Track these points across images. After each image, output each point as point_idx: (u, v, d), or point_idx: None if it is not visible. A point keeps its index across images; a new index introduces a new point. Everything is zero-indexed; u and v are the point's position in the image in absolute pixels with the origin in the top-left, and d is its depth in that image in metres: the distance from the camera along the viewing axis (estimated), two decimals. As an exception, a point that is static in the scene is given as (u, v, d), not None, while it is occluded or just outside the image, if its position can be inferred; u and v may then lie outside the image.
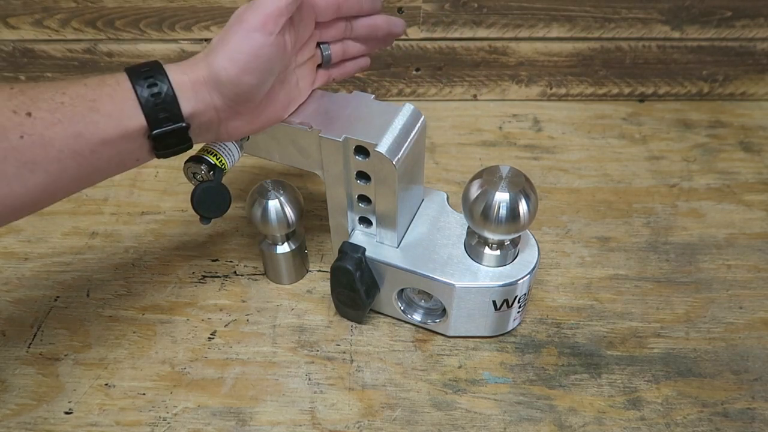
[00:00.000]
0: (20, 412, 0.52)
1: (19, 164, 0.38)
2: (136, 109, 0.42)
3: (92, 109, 0.40)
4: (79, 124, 0.39)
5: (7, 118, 0.37)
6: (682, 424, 0.51)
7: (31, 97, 0.38)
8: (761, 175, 0.74)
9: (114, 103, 0.41)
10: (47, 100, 0.39)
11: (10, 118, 0.37)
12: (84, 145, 0.40)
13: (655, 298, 0.61)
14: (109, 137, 0.41)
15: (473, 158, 0.76)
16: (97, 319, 0.59)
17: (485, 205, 0.48)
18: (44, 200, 0.41)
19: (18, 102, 0.38)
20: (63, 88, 0.40)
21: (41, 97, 0.39)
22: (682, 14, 0.77)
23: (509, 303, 0.53)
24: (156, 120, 0.42)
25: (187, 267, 0.63)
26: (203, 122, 0.45)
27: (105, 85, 0.41)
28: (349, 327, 0.58)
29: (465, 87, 0.84)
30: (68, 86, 0.40)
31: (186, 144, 0.45)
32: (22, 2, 0.74)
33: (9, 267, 0.63)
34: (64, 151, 0.39)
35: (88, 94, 0.40)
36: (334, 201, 0.54)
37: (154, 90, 0.42)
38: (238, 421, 0.51)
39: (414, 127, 0.51)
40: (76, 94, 0.40)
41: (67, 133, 0.39)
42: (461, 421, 0.51)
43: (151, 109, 0.42)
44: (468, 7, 0.76)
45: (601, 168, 0.75)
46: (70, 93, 0.40)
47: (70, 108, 0.39)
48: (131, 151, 0.43)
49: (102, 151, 0.41)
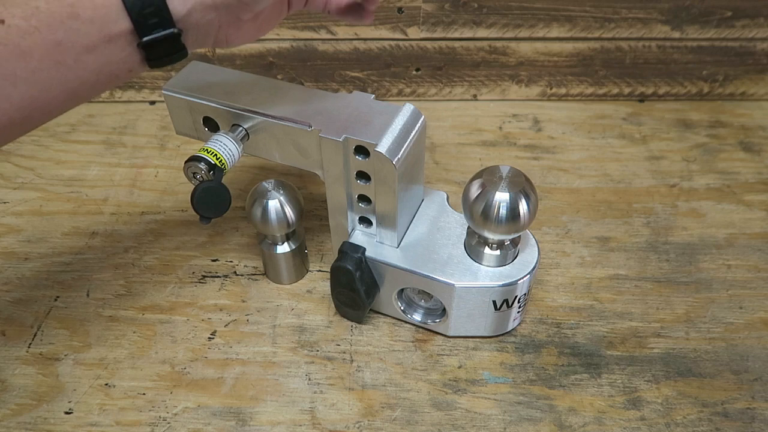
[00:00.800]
0: (20, 412, 0.52)
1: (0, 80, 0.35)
2: (121, 13, 0.37)
3: (71, 16, 0.36)
4: (58, 31, 0.36)
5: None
6: (682, 424, 0.51)
7: (4, 3, 0.35)
8: (761, 175, 0.74)
9: (95, 7, 0.37)
10: (21, 5, 0.35)
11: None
12: (66, 55, 0.37)
13: (655, 298, 0.61)
14: (93, 45, 0.37)
15: (473, 158, 0.76)
16: (97, 319, 0.59)
17: (485, 205, 0.48)
18: (36, 116, 0.38)
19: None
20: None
21: (14, 1, 0.35)
22: (682, 14, 0.78)
23: (509, 303, 0.53)
24: (145, 26, 0.38)
25: (187, 267, 0.63)
26: (200, 26, 0.41)
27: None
28: (349, 327, 0.58)
29: (465, 87, 0.84)
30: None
31: (181, 52, 0.41)
32: (22, 2, 0.74)
33: (9, 267, 0.63)
34: (44, 61, 0.36)
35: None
36: (334, 201, 0.54)
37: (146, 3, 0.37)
38: (238, 421, 0.51)
39: (414, 127, 0.51)
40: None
41: (46, 42, 0.36)
42: (461, 421, 0.51)
43: (138, 14, 0.38)
44: (468, 7, 0.76)
45: (601, 168, 0.75)
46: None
47: (46, 14, 0.35)
48: (121, 60, 0.39)
49: (87, 61, 0.38)
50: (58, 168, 0.74)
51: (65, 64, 0.37)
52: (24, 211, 0.69)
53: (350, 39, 0.79)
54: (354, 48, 0.80)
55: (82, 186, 0.72)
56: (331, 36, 0.78)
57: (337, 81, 0.83)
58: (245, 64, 0.81)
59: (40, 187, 0.72)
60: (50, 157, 0.76)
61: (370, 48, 0.80)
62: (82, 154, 0.76)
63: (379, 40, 0.79)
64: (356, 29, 0.78)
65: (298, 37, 0.78)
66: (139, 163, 0.75)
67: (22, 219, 0.68)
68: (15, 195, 0.71)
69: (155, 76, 0.82)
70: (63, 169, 0.74)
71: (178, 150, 0.77)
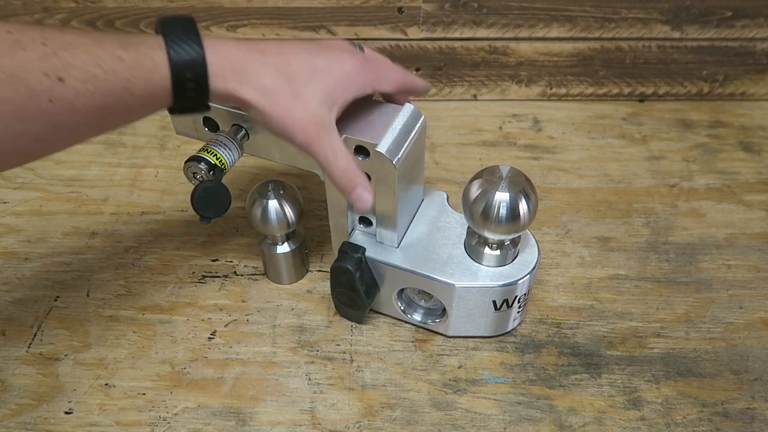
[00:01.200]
0: (20, 412, 0.52)
1: (45, 126, 0.37)
2: (168, 96, 0.41)
3: (125, 89, 0.39)
4: (109, 99, 0.38)
5: (37, 81, 0.36)
6: (682, 424, 0.51)
7: (65, 62, 0.37)
8: (761, 175, 0.74)
9: (148, 88, 0.40)
10: (81, 69, 0.37)
11: (41, 81, 0.36)
12: (109, 115, 0.40)
13: (655, 298, 0.61)
14: (135, 112, 0.41)
15: (473, 158, 0.76)
16: (97, 319, 0.59)
17: (485, 205, 0.48)
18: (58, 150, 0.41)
19: (51, 64, 0.36)
20: (98, 59, 0.38)
21: (75, 63, 0.37)
22: (682, 14, 0.77)
23: (509, 303, 0.53)
24: (183, 107, 0.42)
25: (187, 267, 0.63)
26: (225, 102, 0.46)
27: (142, 67, 0.39)
28: (349, 327, 0.58)
29: (465, 87, 0.84)
30: (104, 56, 0.38)
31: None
32: (22, 2, 0.74)
33: (9, 267, 0.63)
34: (89, 117, 0.39)
35: (123, 71, 0.38)
36: (334, 201, 0.54)
37: (190, 86, 0.41)
38: (238, 421, 0.51)
39: (414, 127, 0.51)
40: (110, 68, 0.38)
41: (97, 104, 0.38)
42: (461, 421, 0.51)
43: (180, 100, 0.41)
44: (468, 7, 0.76)
45: (601, 168, 0.75)
46: (105, 65, 0.38)
47: (103, 82, 0.38)
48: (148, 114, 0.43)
49: (123, 117, 0.41)
50: (58, 168, 0.74)
51: (106, 120, 0.40)
52: (24, 211, 0.69)
53: (350, 39, 0.79)
54: (354, 48, 0.80)
55: (82, 186, 0.72)
56: (331, 36, 0.78)
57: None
58: (245, 64, 0.80)
59: (40, 187, 0.72)
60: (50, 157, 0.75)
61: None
62: (82, 154, 0.76)
63: (379, 40, 0.79)
64: (356, 29, 0.78)
65: (298, 38, 0.78)
66: (139, 163, 0.75)
67: (22, 219, 0.68)
68: (15, 195, 0.71)
69: (155, 76, 0.82)
70: (63, 169, 0.74)
71: (178, 150, 0.77)
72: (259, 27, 0.77)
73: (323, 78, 0.44)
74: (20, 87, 0.35)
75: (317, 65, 0.45)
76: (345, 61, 0.46)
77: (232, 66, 0.42)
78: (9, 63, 0.35)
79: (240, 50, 0.42)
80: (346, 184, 0.47)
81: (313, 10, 0.76)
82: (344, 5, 0.75)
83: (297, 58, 0.44)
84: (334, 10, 0.76)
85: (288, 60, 0.44)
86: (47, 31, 0.37)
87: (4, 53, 0.35)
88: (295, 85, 0.44)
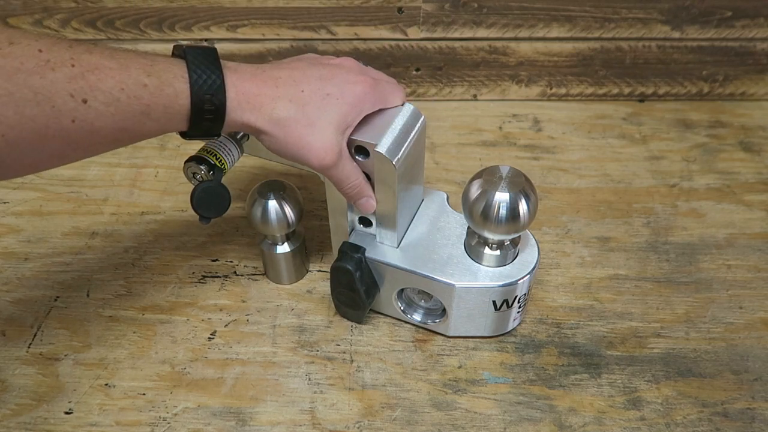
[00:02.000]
0: (20, 412, 0.52)
1: (64, 144, 0.38)
2: (184, 120, 0.42)
3: (144, 113, 0.40)
4: (128, 121, 0.40)
5: (63, 102, 0.37)
6: (682, 424, 0.51)
7: (91, 84, 0.38)
8: (761, 175, 0.74)
9: (167, 114, 0.41)
10: (105, 93, 0.38)
11: (67, 101, 0.37)
12: (125, 136, 0.41)
13: (655, 298, 0.61)
14: (149, 134, 0.42)
15: (473, 158, 0.76)
16: (97, 319, 0.59)
17: (485, 205, 0.48)
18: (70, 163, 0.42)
19: (77, 86, 0.37)
20: (123, 83, 0.39)
21: (100, 86, 0.38)
22: (682, 14, 0.77)
23: (509, 303, 0.53)
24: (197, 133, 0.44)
25: (187, 267, 0.63)
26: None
27: (163, 94, 0.40)
28: (349, 327, 0.58)
29: (465, 87, 0.84)
30: (128, 82, 0.39)
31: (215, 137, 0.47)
32: (22, 2, 0.74)
33: (9, 267, 0.63)
34: (107, 137, 0.40)
35: (145, 96, 0.40)
36: (334, 201, 0.54)
37: (208, 116, 0.42)
38: (238, 421, 0.51)
39: (414, 127, 0.51)
40: (133, 94, 0.39)
41: (116, 126, 0.40)
42: (461, 421, 0.51)
43: (196, 128, 0.43)
44: (468, 7, 0.76)
45: (601, 168, 0.75)
46: (128, 90, 0.39)
47: (125, 106, 0.39)
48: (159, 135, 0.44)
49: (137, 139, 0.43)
50: (58, 168, 0.74)
51: (121, 140, 0.42)
52: (24, 211, 0.69)
53: (350, 39, 0.79)
54: (354, 48, 0.80)
55: (82, 186, 0.72)
56: (331, 36, 0.78)
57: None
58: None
59: (40, 187, 0.72)
60: (50, 157, 0.76)
61: (370, 48, 0.80)
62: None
63: (379, 40, 0.79)
64: (356, 29, 0.78)
65: (298, 37, 0.78)
66: (139, 163, 0.75)
67: (22, 219, 0.68)
68: (15, 195, 0.71)
69: (155, 76, 0.82)
70: (63, 169, 0.74)
71: (178, 150, 0.77)
72: (259, 27, 0.77)
73: (336, 104, 0.46)
74: (46, 106, 0.36)
75: (329, 91, 0.46)
76: (356, 84, 0.47)
77: (248, 99, 0.43)
78: (38, 83, 0.36)
79: (255, 83, 0.44)
80: (354, 195, 0.50)
81: (313, 10, 0.76)
82: (344, 5, 0.75)
83: (309, 86, 0.45)
84: (334, 10, 0.76)
85: (301, 89, 0.45)
86: (76, 51, 0.38)
87: (33, 73, 0.36)
88: (309, 114, 0.45)
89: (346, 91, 0.46)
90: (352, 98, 0.47)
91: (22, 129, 0.36)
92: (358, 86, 0.47)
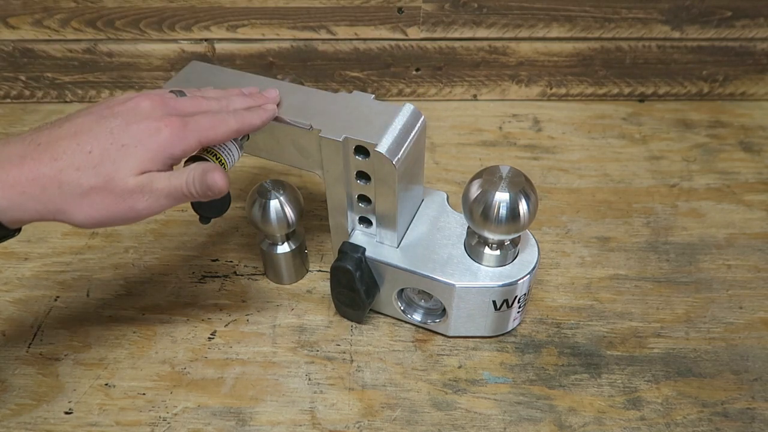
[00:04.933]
0: (20, 412, 0.52)
1: None
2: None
3: None
4: None
5: None
6: (682, 424, 0.51)
7: None
8: (761, 175, 0.74)
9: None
10: None
11: None
12: None
13: (655, 298, 0.61)
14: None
15: (473, 158, 0.76)
16: (97, 319, 0.59)
17: (485, 205, 0.48)
18: None
19: None
20: None
21: None
22: (682, 14, 0.77)
23: (509, 303, 0.53)
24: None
25: (187, 267, 0.63)
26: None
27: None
28: (349, 327, 0.58)
29: (465, 87, 0.84)
30: None
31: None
32: (22, 2, 0.74)
33: (9, 267, 0.63)
34: None
35: None
36: (334, 201, 0.54)
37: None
38: (238, 421, 0.51)
39: (414, 127, 0.51)
40: None
41: None
42: (461, 421, 0.51)
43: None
44: (468, 7, 0.76)
45: (601, 168, 0.75)
46: None
47: None
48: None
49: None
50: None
51: None
52: (24, 211, 0.69)
53: (350, 39, 0.79)
54: (354, 48, 0.80)
55: (82, 186, 0.72)
56: (331, 36, 0.78)
57: (337, 81, 0.83)
58: (245, 64, 0.81)
59: (40, 187, 0.72)
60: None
61: (370, 48, 0.80)
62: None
63: (379, 40, 0.79)
64: (356, 29, 0.78)
65: (298, 37, 0.78)
66: (139, 163, 0.75)
67: (22, 219, 0.68)
68: (15, 195, 0.71)
69: (155, 76, 0.82)
70: (63, 169, 0.74)
71: (178, 150, 0.77)
72: (259, 27, 0.77)
73: (135, 152, 0.40)
74: None
75: (124, 142, 0.40)
76: (159, 131, 0.41)
77: (23, 190, 0.38)
78: None
79: (25, 167, 0.39)
80: (200, 187, 0.42)
81: (313, 10, 0.76)
82: (344, 5, 0.75)
83: (99, 144, 0.40)
84: (334, 10, 0.76)
85: (88, 150, 0.40)
86: None
87: None
88: (104, 173, 0.40)
89: (145, 140, 0.41)
90: (155, 145, 0.41)
91: None
92: (163, 133, 0.41)
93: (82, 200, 0.40)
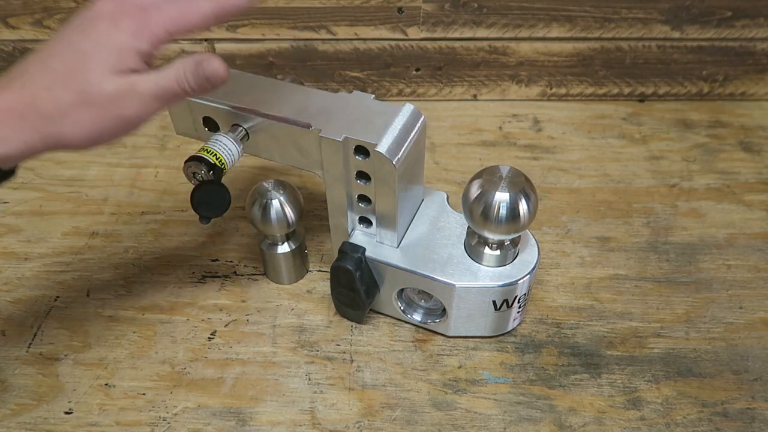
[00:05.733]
0: (20, 412, 0.52)
1: None
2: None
3: None
4: None
5: None
6: (682, 424, 0.51)
7: None
8: (761, 175, 0.74)
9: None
10: None
11: None
12: None
13: (655, 298, 0.61)
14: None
15: (473, 158, 0.76)
16: (97, 319, 0.59)
17: (485, 205, 0.48)
18: None
19: None
20: None
21: None
22: (682, 14, 0.77)
23: (509, 303, 0.53)
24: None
25: (187, 267, 0.63)
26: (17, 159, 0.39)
27: None
28: (349, 327, 0.58)
29: (465, 87, 0.84)
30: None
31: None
32: (22, 2, 0.74)
33: (9, 267, 0.63)
34: None
35: None
36: (334, 201, 0.54)
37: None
38: (238, 421, 0.51)
39: (414, 127, 0.51)
40: None
41: None
42: (461, 421, 0.51)
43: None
44: (468, 7, 0.76)
45: (601, 168, 0.75)
46: None
47: None
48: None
49: None
50: (58, 168, 0.74)
51: None
52: (24, 211, 0.69)
53: (350, 39, 0.79)
54: (354, 48, 0.80)
55: (81, 186, 0.72)
56: (331, 36, 0.78)
57: (337, 81, 0.83)
58: (245, 64, 0.81)
59: (40, 187, 0.72)
60: (50, 157, 0.76)
61: (370, 48, 0.80)
62: (82, 154, 0.76)
63: (379, 40, 0.79)
64: (356, 29, 0.78)
65: (298, 37, 0.78)
66: (139, 163, 0.75)
67: (22, 219, 0.68)
68: (15, 195, 0.71)
69: (155, 76, 0.82)
70: (63, 169, 0.74)
71: (178, 150, 0.77)
72: (259, 27, 0.77)
73: (98, 56, 0.38)
74: None
75: (83, 48, 0.39)
76: (117, 27, 0.39)
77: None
78: None
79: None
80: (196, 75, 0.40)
81: (313, 10, 0.76)
82: (344, 5, 0.75)
83: (63, 60, 0.39)
84: (334, 10, 0.76)
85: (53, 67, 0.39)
86: None
87: None
88: (76, 87, 0.38)
89: (104, 41, 0.39)
90: (117, 43, 0.39)
91: None
92: (121, 27, 0.39)
93: (64, 119, 0.38)
